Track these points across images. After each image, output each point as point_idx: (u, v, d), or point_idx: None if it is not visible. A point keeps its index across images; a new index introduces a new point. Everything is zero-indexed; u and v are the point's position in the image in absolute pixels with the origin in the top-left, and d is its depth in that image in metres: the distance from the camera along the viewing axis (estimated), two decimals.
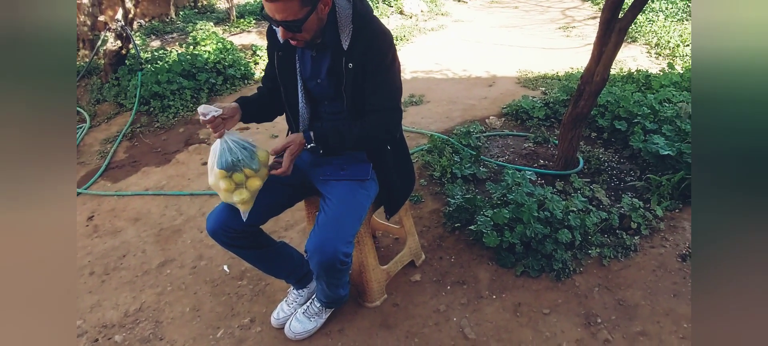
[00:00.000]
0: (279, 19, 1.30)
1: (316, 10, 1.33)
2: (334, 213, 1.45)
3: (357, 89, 1.45)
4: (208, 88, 4.24)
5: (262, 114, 1.65)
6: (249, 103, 1.57)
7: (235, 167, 1.40)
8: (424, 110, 3.76)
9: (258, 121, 1.66)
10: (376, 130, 1.47)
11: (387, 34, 1.44)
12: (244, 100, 1.58)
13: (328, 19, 1.41)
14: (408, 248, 1.98)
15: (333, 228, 1.42)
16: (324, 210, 1.49)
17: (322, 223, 1.45)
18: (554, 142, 2.99)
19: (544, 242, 1.95)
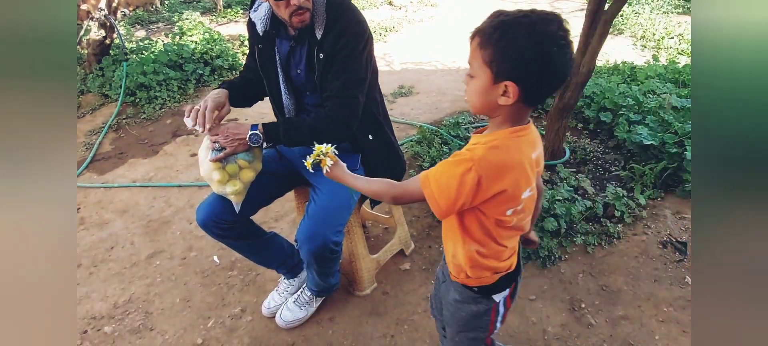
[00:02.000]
0: None
1: None
2: (323, 203, 1.47)
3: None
4: (196, 79, 4.19)
5: (244, 97, 1.65)
6: (234, 87, 1.57)
7: (228, 158, 1.40)
8: (413, 101, 3.78)
9: (239, 105, 1.66)
10: (329, 120, 1.42)
11: (360, 23, 1.42)
12: (229, 84, 1.58)
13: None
14: (397, 237, 2.00)
15: (323, 218, 1.44)
16: (313, 200, 1.50)
17: (312, 213, 1.46)
18: (541, 132, 3.03)
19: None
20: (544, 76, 0.83)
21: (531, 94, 0.86)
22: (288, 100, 1.59)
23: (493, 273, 1.02)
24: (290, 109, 1.60)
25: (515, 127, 0.90)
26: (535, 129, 0.96)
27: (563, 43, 0.83)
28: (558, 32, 0.82)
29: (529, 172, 0.92)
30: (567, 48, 0.84)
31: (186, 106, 1.40)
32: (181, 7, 7.20)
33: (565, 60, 0.84)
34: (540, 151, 0.97)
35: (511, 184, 0.89)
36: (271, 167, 1.64)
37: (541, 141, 0.97)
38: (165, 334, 1.77)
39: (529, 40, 0.82)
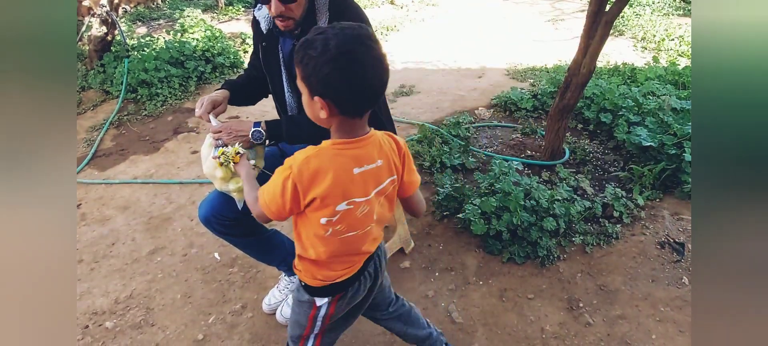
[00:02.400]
0: None
1: None
2: None
3: None
4: (197, 77, 4.20)
5: (246, 96, 1.66)
6: (235, 86, 1.58)
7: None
8: (414, 101, 3.79)
9: (242, 103, 1.67)
10: None
11: (362, 21, 1.43)
12: (230, 83, 1.59)
13: (307, 6, 1.41)
14: (397, 235, 2.02)
15: None
16: None
17: None
18: (542, 133, 3.04)
19: (530, 229, 2.00)
20: (350, 89, 0.87)
21: (345, 108, 0.91)
22: (291, 98, 1.60)
23: (313, 278, 1.08)
24: (293, 107, 1.61)
25: (342, 139, 0.95)
26: (376, 143, 0.99)
27: (360, 56, 0.86)
28: (355, 46, 0.85)
29: (350, 185, 0.96)
30: (366, 60, 0.86)
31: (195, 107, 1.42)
32: (183, 4, 7.20)
33: (367, 72, 0.87)
34: (374, 167, 0.98)
35: (323, 193, 0.93)
36: (273, 165, 1.65)
37: (381, 157, 0.98)
38: (166, 330, 1.78)
39: (324, 57, 0.86)
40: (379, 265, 1.17)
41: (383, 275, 1.21)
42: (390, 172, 1.02)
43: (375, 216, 1.04)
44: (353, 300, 1.14)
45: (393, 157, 1.03)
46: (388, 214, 1.09)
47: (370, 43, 0.88)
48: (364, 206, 1.00)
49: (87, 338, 1.76)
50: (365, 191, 0.98)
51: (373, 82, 0.89)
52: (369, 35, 0.89)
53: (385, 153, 1.01)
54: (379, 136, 1.02)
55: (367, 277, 1.13)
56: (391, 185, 1.04)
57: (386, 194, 1.04)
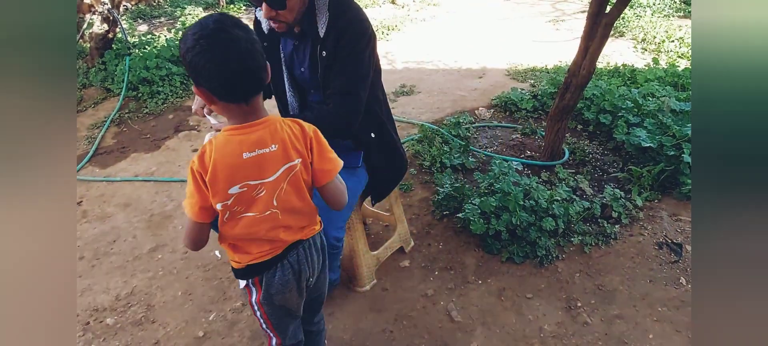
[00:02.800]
0: None
1: None
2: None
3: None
4: None
5: None
6: None
7: None
8: (415, 100, 3.80)
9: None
10: (331, 117, 1.42)
11: (363, 22, 1.44)
12: None
13: (308, 6, 1.42)
14: (397, 234, 2.03)
15: (324, 214, 1.45)
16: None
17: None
18: (541, 133, 3.05)
19: (529, 229, 2.01)
20: (212, 74, 0.91)
21: (219, 93, 0.95)
22: (292, 98, 1.61)
23: (234, 261, 1.13)
24: (295, 108, 1.62)
25: (235, 125, 0.99)
26: (270, 128, 1.01)
27: (217, 41, 0.89)
28: (211, 32, 0.89)
29: (239, 170, 0.99)
30: (223, 44, 0.90)
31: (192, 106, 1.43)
32: (184, 2, 7.21)
33: (227, 55, 0.90)
34: (267, 152, 1.00)
35: (213, 177, 0.98)
36: None
37: (276, 142, 1.00)
38: (167, 327, 1.79)
39: (186, 46, 0.92)
40: (307, 260, 1.15)
41: (314, 274, 1.19)
42: (287, 157, 1.03)
43: (276, 201, 1.05)
44: (282, 289, 1.14)
45: (294, 143, 1.03)
46: (298, 203, 1.08)
47: (229, 28, 0.91)
48: (260, 188, 1.02)
49: (88, 335, 1.77)
50: (259, 175, 1.01)
51: (232, 66, 0.91)
52: (229, 22, 0.92)
53: (282, 138, 1.02)
54: (277, 121, 1.04)
55: (287, 266, 1.13)
56: (291, 170, 1.04)
57: (289, 180, 1.05)
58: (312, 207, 1.13)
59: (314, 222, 1.17)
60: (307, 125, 1.07)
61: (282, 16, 1.38)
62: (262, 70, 0.98)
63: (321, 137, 1.08)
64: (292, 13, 1.38)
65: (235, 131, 0.99)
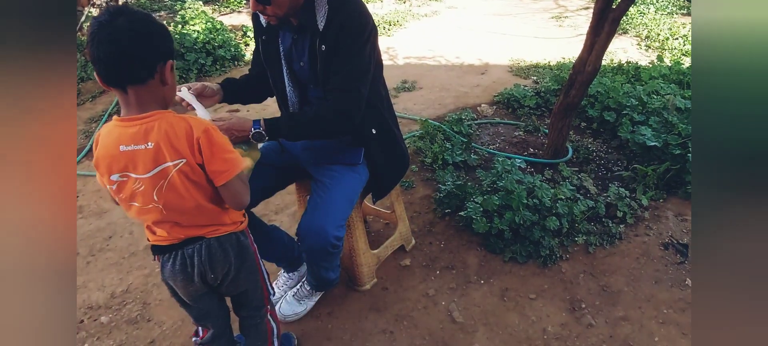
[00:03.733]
0: None
1: None
2: (325, 197, 1.45)
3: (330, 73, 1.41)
4: (197, 69, 4.17)
5: (247, 95, 1.64)
6: (232, 83, 1.56)
7: None
8: (416, 96, 3.75)
9: (243, 102, 1.65)
10: (331, 114, 1.39)
11: (364, 15, 1.40)
12: (229, 80, 1.57)
13: (305, 1, 1.38)
14: (398, 233, 1.99)
15: (324, 212, 1.42)
16: (315, 192, 1.48)
17: (313, 206, 1.44)
18: (544, 131, 3.01)
19: (533, 228, 1.98)
20: (91, 56, 0.96)
21: (98, 74, 0.98)
22: (292, 92, 1.57)
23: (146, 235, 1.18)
24: (294, 103, 1.59)
25: (119, 116, 1.03)
26: (150, 126, 1.00)
27: (97, 27, 0.94)
28: (98, 19, 0.95)
29: (116, 160, 1.02)
30: (97, 30, 0.94)
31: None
32: None
33: (94, 39, 0.94)
34: (142, 149, 1.00)
35: (96, 162, 1.05)
36: (272, 159, 1.63)
37: (153, 140, 1.00)
38: (162, 325, 1.76)
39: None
40: (206, 258, 1.13)
41: (218, 274, 1.17)
42: (161, 158, 1.01)
43: (157, 197, 1.04)
44: (173, 277, 1.15)
45: (174, 144, 1.01)
46: (185, 202, 1.06)
47: (113, 16, 0.94)
48: (138, 183, 1.03)
49: (82, 333, 1.74)
50: (134, 169, 1.02)
51: (103, 48, 0.94)
52: (118, 11, 0.95)
53: (159, 137, 1.00)
54: (162, 119, 1.01)
55: (180, 257, 1.13)
56: (168, 171, 1.02)
57: (170, 179, 1.03)
58: (211, 208, 1.10)
59: (221, 222, 1.14)
60: (197, 124, 1.03)
61: (270, 11, 1.34)
62: (134, 59, 0.96)
63: (214, 137, 1.04)
64: (281, 8, 1.34)
65: (119, 122, 1.02)
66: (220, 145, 1.06)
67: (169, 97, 1.08)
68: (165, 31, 1.02)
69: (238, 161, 1.09)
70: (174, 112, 1.05)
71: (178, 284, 1.17)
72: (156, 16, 5.50)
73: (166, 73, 1.02)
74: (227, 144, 1.08)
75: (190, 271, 1.14)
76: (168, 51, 1.03)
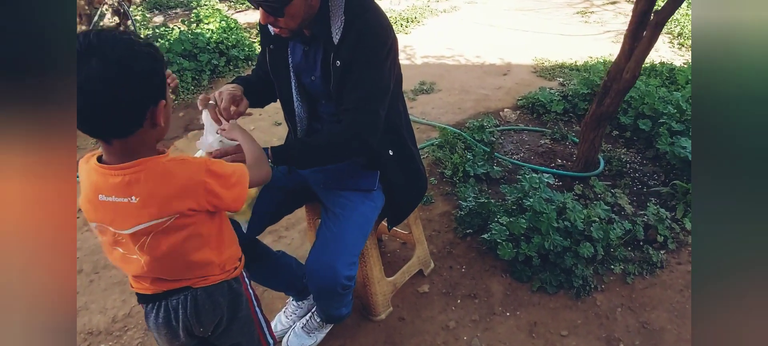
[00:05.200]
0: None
1: None
2: (336, 230, 1.31)
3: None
4: (210, 70, 4.07)
5: (259, 100, 1.51)
6: (248, 84, 1.43)
7: None
8: (435, 99, 3.58)
9: (260, 105, 1.51)
10: (346, 137, 1.25)
11: (385, 28, 1.25)
12: (244, 81, 1.43)
13: (320, 7, 1.23)
14: (416, 257, 1.85)
15: (335, 247, 1.28)
16: (325, 224, 1.35)
17: (323, 241, 1.31)
18: (573, 139, 2.82)
19: (564, 255, 1.80)
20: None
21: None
22: (300, 107, 1.43)
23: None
24: (302, 118, 1.45)
25: (107, 163, 0.89)
26: (136, 177, 0.86)
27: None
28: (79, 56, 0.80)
29: (94, 209, 0.89)
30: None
31: (199, 96, 1.24)
32: None
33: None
34: (123, 202, 0.87)
35: (80, 202, 0.92)
36: (279, 182, 1.49)
37: (140, 195, 0.86)
38: None
39: None
40: (192, 310, 1.00)
41: (208, 326, 1.04)
42: (148, 215, 0.87)
43: (138, 253, 0.92)
44: (156, 328, 1.03)
45: (168, 197, 0.87)
46: (174, 261, 0.95)
47: (84, 54, 0.77)
48: (118, 235, 0.90)
49: None
50: (112, 223, 0.89)
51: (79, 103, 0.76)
52: (90, 44, 0.77)
53: (148, 191, 0.86)
54: (150, 169, 0.86)
55: (169, 310, 1.00)
56: (153, 229, 0.89)
57: (155, 236, 0.90)
58: (203, 260, 0.97)
59: (211, 271, 1.01)
60: (198, 168, 0.89)
61: (282, 23, 1.20)
62: (114, 113, 0.80)
63: (218, 171, 0.92)
64: (294, 20, 1.19)
65: (99, 167, 0.88)
66: (226, 175, 0.94)
67: (163, 134, 0.93)
68: (152, 63, 0.84)
69: (244, 173, 0.98)
70: (166, 157, 0.90)
71: (162, 337, 1.04)
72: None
73: (158, 115, 0.86)
74: (227, 167, 0.96)
75: (174, 325, 1.01)
76: (158, 89, 0.85)
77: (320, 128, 1.49)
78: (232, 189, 0.94)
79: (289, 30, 1.22)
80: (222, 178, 0.93)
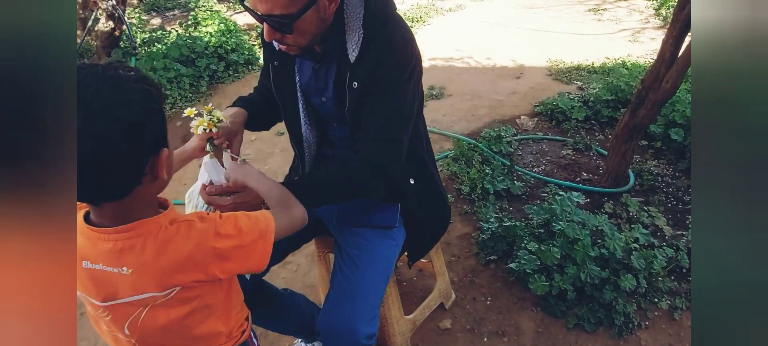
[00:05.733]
0: (262, 11, 0.95)
1: (316, 6, 0.98)
2: (353, 279, 1.13)
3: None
4: (209, 76, 3.89)
5: (267, 119, 1.33)
6: (251, 106, 1.25)
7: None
8: (445, 106, 3.39)
9: (257, 129, 1.34)
10: (364, 172, 1.08)
11: (408, 44, 1.07)
12: (245, 103, 1.25)
13: (334, 20, 1.06)
14: (437, 290, 1.67)
15: (353, 303, 1.10)
16: (340, 270, 1.16)
17: (339, 292, 1.12)
18: (597, 149, 2.63)
19: (602, 288, 1.62)
20: None
21: None
22: (308, 131, 1.25)
23: None
24: (311, 143, 1.27)
25: (99, 225, 0.74)
26: (129, 244, 0.72)
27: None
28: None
29: (79, 277, 0.74)
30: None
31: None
32: None
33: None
34: (112, 273, 0.72)
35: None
36: None
37: (132, 265, 0.72)
38: None
39: None
40: None
41: None
42: (141, 288, 0.72)
43: (128, 331, 0.77)
44: None
45: (169, 270, 0.72)
46: (172, 340, 0.79)
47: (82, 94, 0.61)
48: (103, 310, 0.75)
49: None
50: (96, 295, 0.74)
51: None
52: (86, 83, 0.62)
53: (144, 263, 0.71)
54: (148, 234, 0.72)
55: None
56: (147, 303, 0.74)
57: (150, 311, 0.75)
58: (208, 331, 0.81)
59: (217, 342, 0.85)
60: (206, 233, 0.74)
61: (291, 40, 1.02)
62: (105, 175, 0.65)
63: (230, 228, 0.76)
64: (304, 37, 1.01)
65: (88, 229, 0.73)
66: (244, 232, 0.77)
67: (165, 186, 0.77)
68: (148, 104, 0.67)
69: (268, 224, 0.81)
70: (168, 217, 0.75)
71: None
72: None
73: (160, 167, 0.70)
74: (243, 220, 0.79)
75: None
76: (158, 136, 0.69)
77: (331, 154, 1.31)
78: (252, 249, 0.78)
79: (299, 47, 1.04)
80: (237, 237, 0.76)
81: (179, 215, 0.77)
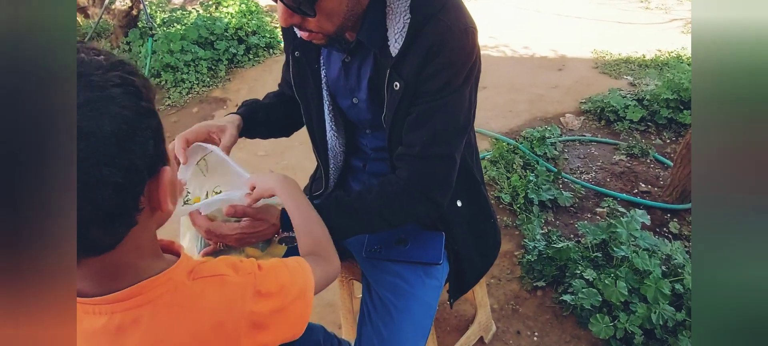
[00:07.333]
0: None
1: None
2: (386, 332, 0.91)
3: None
4: (228, 59, 3.70)
5: (273, 127, 1.11)
6: (254, 110, 1.04)
7: (228, 249, 0.87)
8: (481, 100, 3.04)
9: (264, 136, 1.12)
10: (407, 199, 0.85)
11: (468, 34, 0.82)
12: (250, 108, 1.04)
13: (371, 4, 0.81)
14: (477, 323, 1.43)
15: None
16: (370, 319, 0.94)
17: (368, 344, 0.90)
18: (655, 155, 2.32)
19: (677, 332, 1.35)
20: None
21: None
22: (335, 138, 1.03)
23: None
24: (337, 152, 1.05)
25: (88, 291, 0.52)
26: (125, 317, 0.50)
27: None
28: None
29: None
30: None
31: (181, 149, 0.84)
32: None
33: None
34: None
35: None
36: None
37: (93, 341, 0.51)
38: None
39: None
40: None
41: None
42: None
43: None
44: None
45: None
46: None
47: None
48: None
49: None
50: None
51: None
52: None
53: (158, 341, 0.51)
54: (155, 300, 0.50)
55: None
56: None
57: None
58: None
59: None
60: (241, 287, 0.54)
61: (312, 26, 0.78)
62: (88, 227, 0.43)
63: (271, 284, 0.56)
64: (331, 22, 0.77)
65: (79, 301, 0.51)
66: (283, 291, 0.58)
67: (165, 220, 0.55)
68: (137, 103, 0.46)
69: (307, 277, 0.62)
70: (187, 266, 0.54)
71: None
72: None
73: (161, 193, 0.49)
74: (283, 274, 0.59)
75: None
76: (155, 148, 0.48)
77: (361, 167, 1.08)
78: (291, 312, 0.58)
79: (324, 35, 0.80)
80: (278, 295, 0.57)
81: (197, 263, 0.55)
